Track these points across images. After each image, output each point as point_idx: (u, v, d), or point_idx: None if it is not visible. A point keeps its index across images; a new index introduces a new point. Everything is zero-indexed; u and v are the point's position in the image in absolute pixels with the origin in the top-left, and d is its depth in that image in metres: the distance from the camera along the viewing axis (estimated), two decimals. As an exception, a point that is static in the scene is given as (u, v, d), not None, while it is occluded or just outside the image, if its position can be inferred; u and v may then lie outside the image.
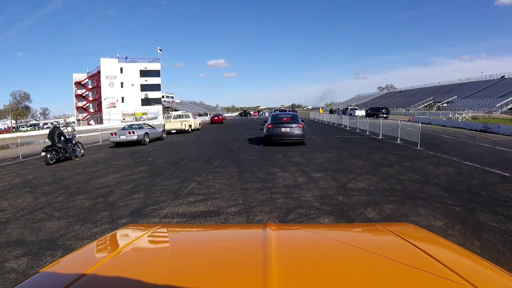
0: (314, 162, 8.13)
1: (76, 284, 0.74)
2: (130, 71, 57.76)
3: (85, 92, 60.33)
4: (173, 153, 11.27)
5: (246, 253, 0.96)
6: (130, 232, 1.38)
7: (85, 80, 60.20)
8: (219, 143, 14.06)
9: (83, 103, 59.91)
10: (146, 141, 14.89)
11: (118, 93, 56.91)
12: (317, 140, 13.54)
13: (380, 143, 12.22)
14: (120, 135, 14.66)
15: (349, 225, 2.80)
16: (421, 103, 63.90)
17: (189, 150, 11.90)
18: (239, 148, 11.69)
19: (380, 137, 14.42)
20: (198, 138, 17.28)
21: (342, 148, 10.91)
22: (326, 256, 0.94)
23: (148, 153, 11.70)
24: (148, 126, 16.10)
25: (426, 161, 8.09)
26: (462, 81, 71.47)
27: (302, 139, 11.53)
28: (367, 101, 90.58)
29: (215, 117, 38.84)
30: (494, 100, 49.80)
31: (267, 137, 11.66)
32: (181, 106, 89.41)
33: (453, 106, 54.30)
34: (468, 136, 16.31)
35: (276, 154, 9.59)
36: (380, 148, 10.69)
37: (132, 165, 8.99)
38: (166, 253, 1.07)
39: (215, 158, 9.32)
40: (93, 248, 1.19)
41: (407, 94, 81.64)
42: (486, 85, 61.58)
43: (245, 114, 71.33)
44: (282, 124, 11.45)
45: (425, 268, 0.78)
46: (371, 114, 34.33)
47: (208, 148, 12.30)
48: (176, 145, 13.90)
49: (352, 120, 21.68)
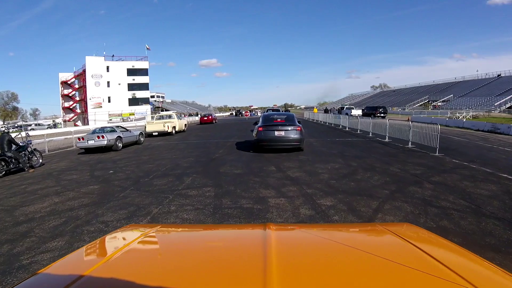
0: (317, 177, 6.25)
1: (76, 284, 0.74)
2: (117, 70, 55.09)
3: (72, 92, 56.95)
4: (142, 163, 9.26)
5: (246, 253, 0.96)
6: (130, 232, 1.34)
7: (72, 80, 56.89)
8: (201, 148, 12.07)
9: (69, 103, 56.57)
10: (118, 146, 12.84)
11: (105, 93, 54.21)
12: (316, 145, 11.67)
13: (390, 148, 10.42)
14: (88, 140, 12.60)
15: (349, 225, 2.63)
16: (416, 102, 63.11)
17: (162, 158, 9.89)
18: (222, 156, 9.67)
19: (387, 140, 12.67)
20: (180, 142, 15.22)
21: (348, 155, 9.06)
22: (326, 256, 0.93)
23: (114, 162, 9.68)
24: (122, 129, 14.00)
25: (458, 175, 6.33)
26: (458, 80, 70.82)
27: (300, 144, 9.58)
28: (360, 100, 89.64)
29: (205, 117, 37.10)
30: (492, 98, 48.95)
31: (258, 142, 9.61)
32: (172, 106, 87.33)
33: (449, 105, 53.44)
34: (479, 137, 14.81)
35: (268, 165, 7.69)
36: (393, 156, 8.88)
37: (84, 182, 7.01)
38: (166, 253, 1.05)
39: (190, 172, 7.34)
40: (93, 248, 1.18)
41: (401, 93, 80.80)
42: (482, 83, 60.92)
43: (237, 113, 70.03)
44: (276, 127, 9.44)
45: (425, 268, 0.78)
46: (368, 113, 32.79)
47: (186, 155, 10.31)
48: (150, 152, 11.87)
49: (352, 121, 19.85)
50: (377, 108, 35.44)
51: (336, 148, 10.58)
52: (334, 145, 11.46)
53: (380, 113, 33.25)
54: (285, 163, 7.92)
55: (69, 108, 56.13)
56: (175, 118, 21.26)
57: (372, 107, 37.70)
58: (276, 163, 7.98)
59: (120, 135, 13.02)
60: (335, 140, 13.41)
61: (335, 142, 12.64)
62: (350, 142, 12.57)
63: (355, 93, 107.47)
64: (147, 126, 19.51)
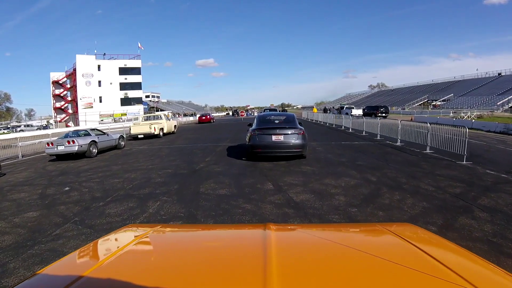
0: (331, 202, 4.63)
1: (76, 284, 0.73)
2: (108, 69, 53.10)
3: (63, 92, 54.51)
4: (109, 175, 7.58)
5: (246, 253, 0.95)
6: (130, 232, 1.33)
7: (63, 79, 54.55)
8: (185, 155, 10.38)
9: (61, 103, 54.36)
10: (92, 152, 11.15)
11: (96, 93, 52.21)
12: (320, 150, 10.07)
13: (407, 155, 8.85)
14: (58, 145, 10.90)
15: (349, 225, 2.57)
16: (415, 102, 61.94)
17: (135, 169, 8.20)
18: (208, 167, 7.99)
19: (399, 143, 11.15)
20: (164, 146, 13.52)
21: (361, 165, 7.47)
22: (326, 256, 0.93)
23: (77, 174, 8.02)
24: (98, 132, 12.26)
25: (507, 194, 4.84)
26: (457, 79, 69.81)
27: (302, 151, 7.99)
28: (358, 99, 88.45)
29: (203, 117, 38.03)
30: (494, 98, 47.86)
31: (251, 148, 8.03)
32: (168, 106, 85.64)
33: (450, 104, 52.29)
34: (496, 140, 13.46)
35: (263, 181, 6.06)
36: (415, 165, 7.32)
37: (26, 205, 5.38)
38: (166, 253, 1.03)
39: (161, 192, 5.65)
40: (93, 248, 1.16)
41: (400, 92, 79.70)
42: (482, 82, 59.91)
43: (233, 113, 68.91)
44: (273, 130, 7.88)
45: (425, 269, 0.78)
46: (369, 113, 31.27)
47: (165, 165, 8.63)
48: (126, 160, 10.18)
49: (355, 121, 18.26)
50: (378, 108, 33.88)
51: (345, 155, 8.98)
52: (342, 151, 9.86)
53: (381, 113, 31.69)
54: (285, 177, 6.30)
55: (61, 108, 53.92)
56: (163, 119, 19.58)
57: (373, 107, 36.14)
58: (273, 177, 6.36)
59: (94, 140, 11.32)
60: (341, 144, 11.82)
61: (342, 146, 11.04)
62: (359, 146, 10.99)
63: (352, 93, 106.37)
64: (132, 128, 17.91)
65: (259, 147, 7.89)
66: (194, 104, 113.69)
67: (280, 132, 7.85)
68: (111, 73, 53.15)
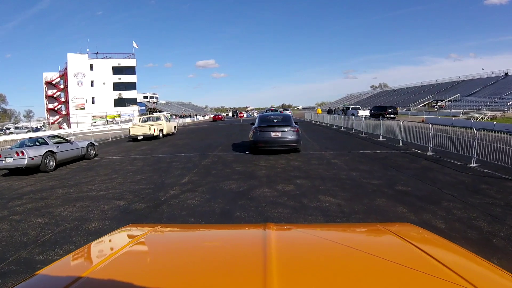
0: None
1: (76, 284, 0.72)
2: (101, 68, 50.78)
3: (56, 93, 52.00)
4: (39, 208, 5.25)
5: (246, 253, 0.94)
6: (130, 232, 1.30)
7: (56, 80, 52.06)
8: (159, 171, 8.10)
9: (54, 104, 51.89)
10: (49, 165, 8.90)
11: (88, 93, 49.86)
12: (340, 165, 7.75)
13: (456, 172, 6.60)
14: (7, 157, 8.66)
15: (349, 225, 2.55)
16: (419, 102, 59.91)
17: (79, 199, 5.75)
18: (181, 195, 5.64)
19: (430, 153, 8.99)
20: (141, 156, 11.27)
21: (405, 192, 5.21)
22: (326, 256, 0.91)
23: (3, 205, 5.77)
24: (60, 140, 9.98)
25: None
26: (462, 79, 67.78)
27: (297, 145, 9.53)
28: (360, 100, 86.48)
29: (216, 116, 52.43)
30: (502, 98, 45.86)
31: (253, 143, 9.66)
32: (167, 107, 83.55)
33: (456, 104, 50.16)
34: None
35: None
36: (479, 192, 5.10)
37: None
38: (166, 253, 1.02)
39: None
40: (93, 248, 1.13)
41: (403, 93, 77.77)
42: (488, 82, 57.95)
43: (233, 114, 67.71)
44: (272, 128, 9.49)
45: (425, 268, 0.76)
46: (376, 114, 29.10)
47: (122, 190, 6.30)
48: (81, 178, 7.84)
49: (369, 124, 15.97)
50: (386, 108, 31.69)
51: (374, 173, 6.68)
52: (366, 165, 7.57)
53: (390, 114, 29.60)
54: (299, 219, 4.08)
55: (54, 110, 51.52)
56: (163, 120, 18.92)
57: (381, 107, 33.86)
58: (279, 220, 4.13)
59: (51, 149, 9.04)
60: (360, 153, 9.58)
61: (363, 158, 8.77)
62: (384, 158, 8.73)
63: (354, 93, 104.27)
64: (131, 129, 17.37)
65: (260, 142, 9.44)
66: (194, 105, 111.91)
67: (278, 129, 9.41)
68: (104, 72, 50.84)
